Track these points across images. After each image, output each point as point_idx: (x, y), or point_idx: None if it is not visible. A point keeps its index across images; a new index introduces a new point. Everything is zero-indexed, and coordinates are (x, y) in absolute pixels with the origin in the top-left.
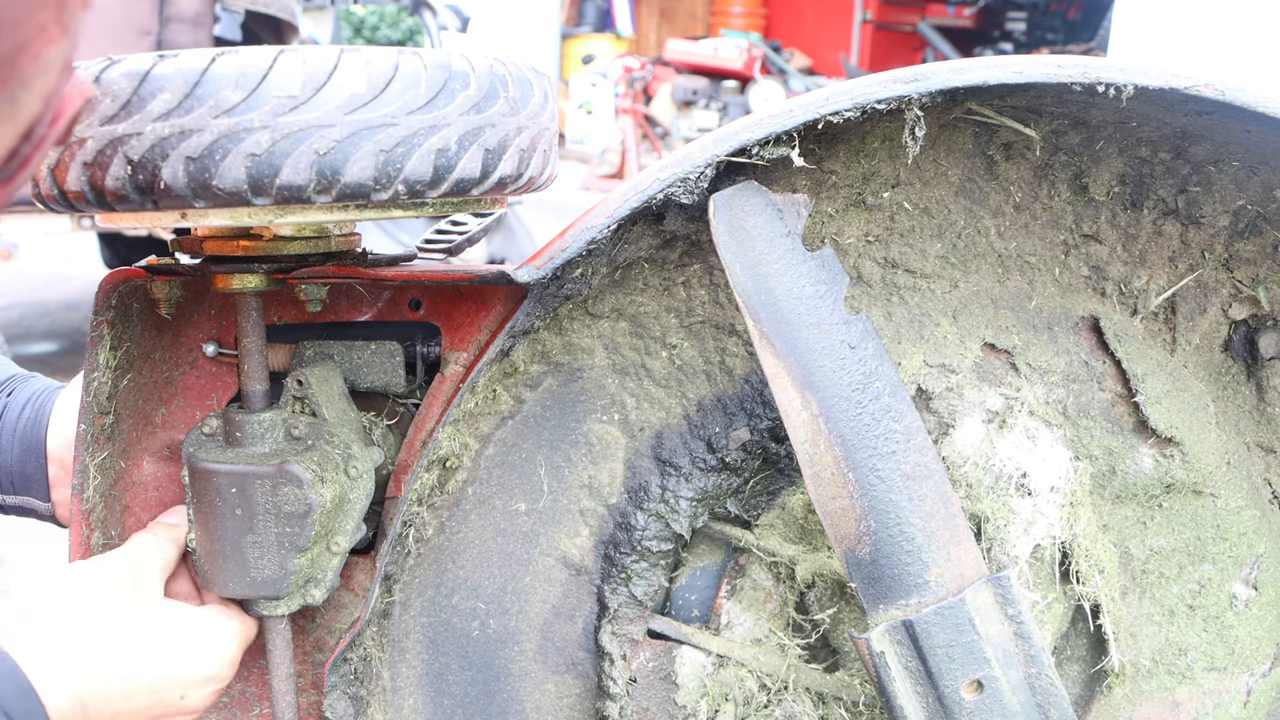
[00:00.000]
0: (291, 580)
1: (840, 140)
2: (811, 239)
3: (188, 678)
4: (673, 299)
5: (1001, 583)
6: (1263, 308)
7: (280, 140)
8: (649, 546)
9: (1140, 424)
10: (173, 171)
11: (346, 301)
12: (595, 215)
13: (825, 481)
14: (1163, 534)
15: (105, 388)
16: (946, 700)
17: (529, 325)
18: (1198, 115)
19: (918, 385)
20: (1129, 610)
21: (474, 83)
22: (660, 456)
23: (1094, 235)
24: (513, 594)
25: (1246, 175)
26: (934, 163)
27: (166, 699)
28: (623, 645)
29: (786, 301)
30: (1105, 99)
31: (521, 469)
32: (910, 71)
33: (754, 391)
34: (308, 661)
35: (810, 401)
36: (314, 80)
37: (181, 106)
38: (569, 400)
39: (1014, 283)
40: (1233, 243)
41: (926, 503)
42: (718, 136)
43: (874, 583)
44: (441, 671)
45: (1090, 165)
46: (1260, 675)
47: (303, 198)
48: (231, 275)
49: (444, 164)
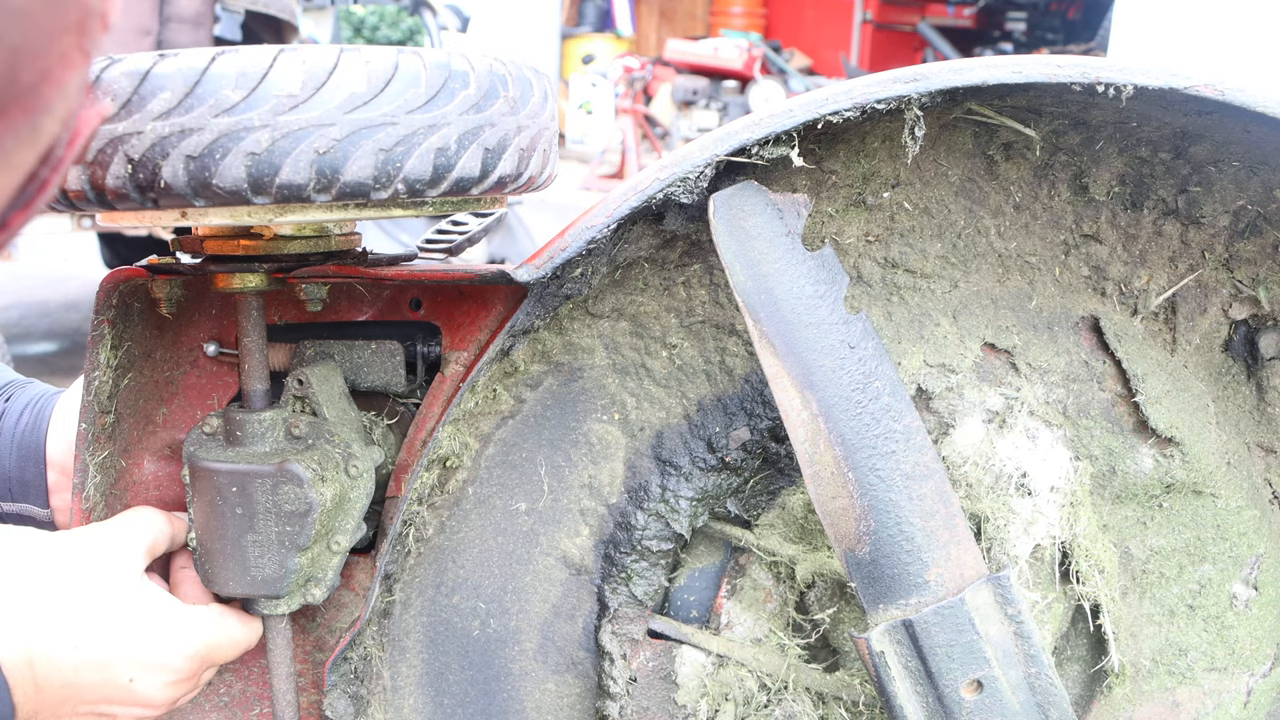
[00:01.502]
0: (292, 579)
1: (840, 140)
2: (811, 239)
3: (138, 659)
4: (673, 299)
5: (1001, 582)
6: (1263, 308)
7: (280, 139)
8: (649, 546)
9: (1140, 424)
10: (173, 170)
11: (347, 301)
12: (595, 215)
13: (825, 481)
14: (1163, 534)
15: (106, 387)
16: (946, 700)
17: (529, 325)
18: (1198, 115)
19: (918, 385)
20: (1129, 610)
21: (474, 82)
22: (660, 456)
23: (1094, 235)
24: (513, 593)
25: (1247, 175)
26: (934, 163)
27: (115, 679)
28: (623, 645)
29: (786, 301)
30: (1105, 99)
31: (522, 468)
32: (910, 71)
33: (754, 391)
34: (308, 660)
35: (810, 401)
36: (314, 79)
37: (182, 105)
38: (569, 400)
39: (1014, 283)
40: (1233, 243)
41: (926, 502)
42: (717, 136)
43: (874, 582)
44: (442, 671)
45: (1090, 165)
46: (1260, 675)
47: (303, 196)
48: (232, 275)
49: (444, 163)
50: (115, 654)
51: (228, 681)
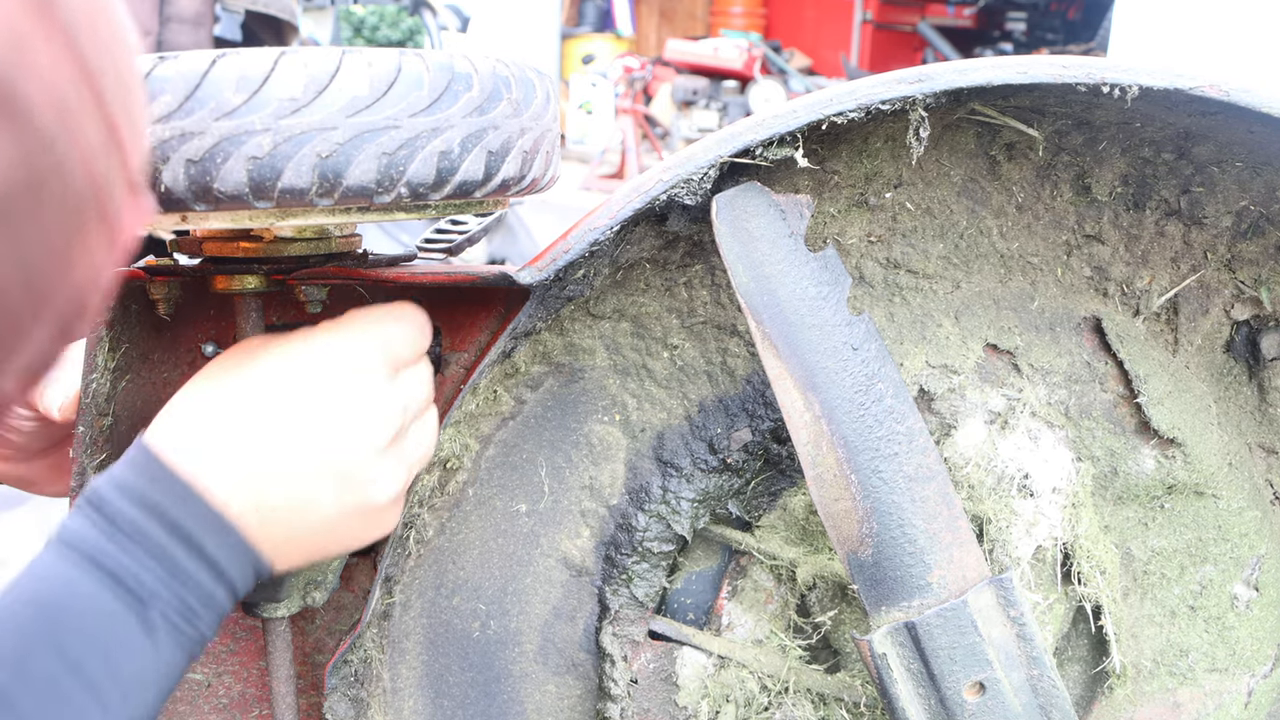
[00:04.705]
0: (292, 582)
1: (843, 141)
2: (814, 240)
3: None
4: (674, 300)
5: (1004, 584)
6: (1265, 308)
7: (282, 143)
8: (650, 548)
9: (1142, 425)
10: (173, 174)
11: (347, 303)
12: (598, 216)
13: (827, 483)
14: (1164, 535)
15: (104, 389)
16: (949, 702)
17: (531, 327)
18: (1201, 116)
19: (920, 386)
20: (1130, 611)
21: (477, 84)
22: (661, 457)
23: (1096, 236)
24: (513, 595)
25: (1250, 176)
26: (937, 163)
27: (354, 475)
28: (624, 646)
29: (789, 302)
30: (1109, 99)
31: (522, 470)
32: (914, 72)
33: (756, 392)
34: (308, 663)
35: (813, 402)
36: (316, 82)
37: (182, 109)
38: (570, 401)
39: (1016, 283)
40: (1235, 243)
41: (929, 504)
42: (721, 137)
43: (876, 584)
44: (442, 673)
45: (1093, 166)
46: (1261, 676)
47: (305, 200)
48: (231, 276)
49: (447, 166)
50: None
51: (227, 684)
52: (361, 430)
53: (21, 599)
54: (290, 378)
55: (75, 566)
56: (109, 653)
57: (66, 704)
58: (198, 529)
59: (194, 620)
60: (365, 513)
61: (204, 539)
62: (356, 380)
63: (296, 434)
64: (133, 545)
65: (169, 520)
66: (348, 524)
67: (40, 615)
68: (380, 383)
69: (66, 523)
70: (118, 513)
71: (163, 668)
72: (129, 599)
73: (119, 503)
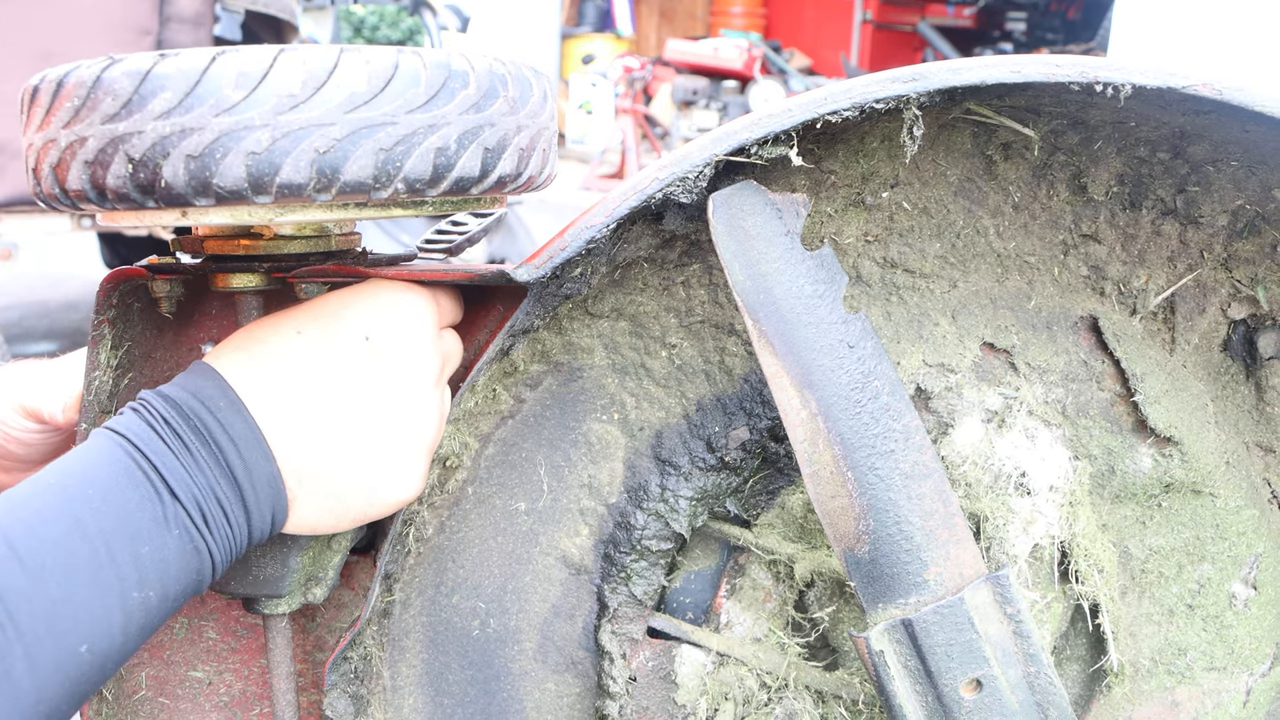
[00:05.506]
0: (293, 578)
1: (839, 140)
2: (810, 238)
3: None
4: (672, 298)
5: (1000, 582)
6: (1261, 307)
7: (280, 138)
8: (649, 546)
9: (1139, 423)
10: (174, 170)
11: None
12: (594, 215)
13: (824, 480)
14: (1162, 533)
15: (106, 387)
16: (945, 699)
17: (529, 324)
18: (1196, 115)
19: (917, 385)
20: (1128, 610)
21: (473, 82)
22: (660, 456)
23: (1093, 235)
24: (513, 593)
25: (1245, 175)
26: (933, 162)
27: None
28: (623, 644)
29: (785, 301)
30: (1104, 99)
31: (521, 468)
32: (909, 71)
33: (753, 391)
34: (308, 660)
35: (809, 400)
36: (314, 79)
37: (182, 105)
38: (569, 400)
39: (1013, 282)
40: (1231, 242)
41: (925, 502)
42: (716, 136)
43: (873, 582)
44: (441, 670)
45: (1089, 165)
46: (1259, 675)
47: (303, 196)
48: (231, 274)
49: (443, 163)
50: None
51: (228, 682)
52: (412, 365)
53: (55, 469)
54: (343, 315)
55: (109, 439)
56: (134, 533)
57: (83, 564)
58: (229, 438)
59: (204, 532)
60: (398, 450)
61: (232, 451)
62: (412, 325)
63: (347, 367)
64: (168, 430)
65: (205, 423)
66: (376, 465)
67: (66, 485)
68: (431, 329)
69: (113, 419)
70: (154, 406)
71: (172, 570)
72: (152, 478)
73: (160, 401)
